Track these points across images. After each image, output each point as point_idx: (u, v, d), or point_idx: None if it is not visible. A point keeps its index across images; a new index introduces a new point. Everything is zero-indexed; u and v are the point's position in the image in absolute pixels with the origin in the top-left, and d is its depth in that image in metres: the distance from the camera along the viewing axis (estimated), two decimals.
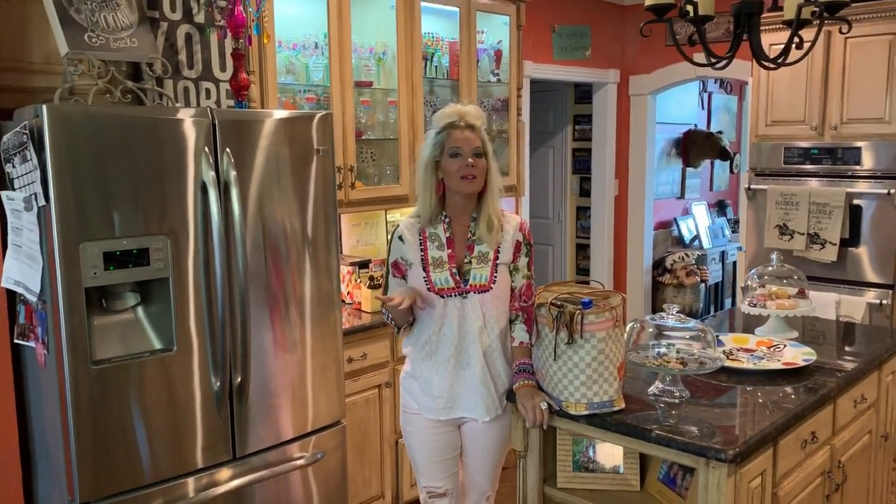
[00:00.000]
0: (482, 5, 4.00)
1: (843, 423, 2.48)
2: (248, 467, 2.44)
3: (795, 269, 2.99)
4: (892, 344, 2.83)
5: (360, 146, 3.61)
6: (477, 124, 2.30)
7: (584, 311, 2.03)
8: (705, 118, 7.05)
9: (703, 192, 7.16)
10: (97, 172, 2.05)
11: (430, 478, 2.43)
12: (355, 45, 3.50)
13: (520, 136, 4.35)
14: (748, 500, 1.97)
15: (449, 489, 2.43)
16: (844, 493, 2.53)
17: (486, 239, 2.31)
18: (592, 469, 2.26)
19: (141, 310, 2.23)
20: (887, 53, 3.98)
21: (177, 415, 2.26)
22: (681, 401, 2.18)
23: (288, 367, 2.53)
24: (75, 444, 2.07)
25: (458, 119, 2.29)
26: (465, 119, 2.29)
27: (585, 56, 5.56)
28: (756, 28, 2.45)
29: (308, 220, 2.55)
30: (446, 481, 2.43)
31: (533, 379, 2.23)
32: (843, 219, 4.14)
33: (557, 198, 6.62)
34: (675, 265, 6.22)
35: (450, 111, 2.31)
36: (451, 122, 2.29)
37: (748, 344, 2.69)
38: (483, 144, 2.29)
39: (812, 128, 4.27)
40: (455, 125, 2.29)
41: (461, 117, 2.29)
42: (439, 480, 2.42)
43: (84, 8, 2.33)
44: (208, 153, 2.25)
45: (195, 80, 2.75)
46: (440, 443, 2.40)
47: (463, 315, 2.29)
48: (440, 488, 2.43)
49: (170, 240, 2.19)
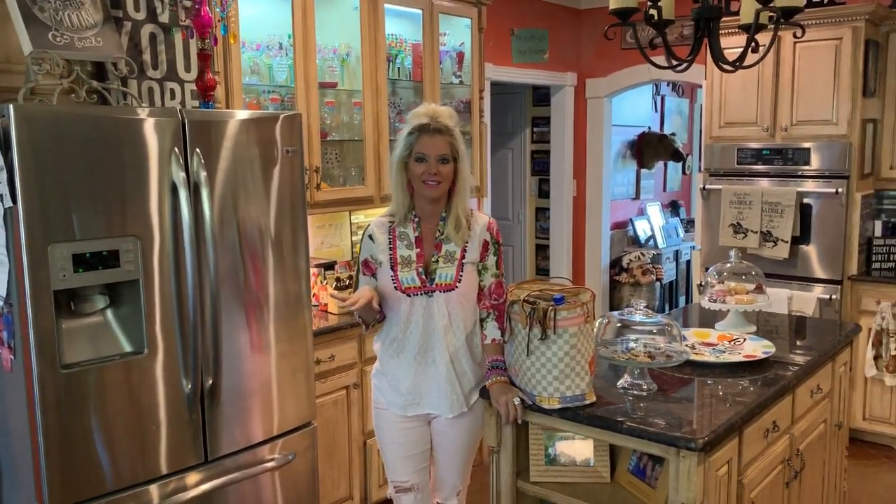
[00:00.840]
0: (445, 8, 4.03)
1: (800, 412, 2.58)
2: (219, 470, 2.42)
3: (753, 265, 3.09)
4: (843, 337, 2.96)
5: (325, 147, 3.61)
6: (449, 125, 2.32)
7: (557, 307, 2.07)
8: (658, 121, 7.21)
9: (657, 193, 7.32)
10: (66, 173, 2.02)
11: (397, 472, 2.47)
12: (319, 47, 3.50)
13: (482, 137, 4.40)
14: (716, 488, 2.04)
15: (416, 483, 2.46)
16: (803, 480, 2.63)
17: (454, 238, 2.34)
18: (564, 462, 2.31)
19: (111, 312, 2.20)
20: (833, 58, 4.15)
21: (148, 418, 2.23)
22: (649, 393, 2.24)
23: (259, 368, 2.52)
24: (44, 450, 2.03)
25: (429, 120, 2.30)
26: (438, 120, 2.31)
27: (543, 59, 5.64)
28: (716, 32, 2.53)
29: (277, 222, 2.54)
30: (413, 476, 2.46)
31: (505, 375, 2.27)
32: (795, 217, 4.29)
33: (517, 199, 6.69)
34: (631, 264, 6.35)
35: (423, 111, 2.33)
36: (422, 123, 2.31)
37: (710, 338, 2.77)
38: (453, 147, 2.31)
39: (764, 129, 4.42)
40: (426, 128, 2.30)
41: (433, 118, 2.31)
42: (405, 475, 2.45)
43: (48, 6, 2.29)
44: (178, 154, 2.23)
45: (160, 81, 2.72)
46: (408, 438, 2.43)
47: (429, 314, 2.32)
48: (406, 483, 2.46)
49: (140, 241, 2.17)
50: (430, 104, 2.37)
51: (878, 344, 4.17)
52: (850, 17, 4.08)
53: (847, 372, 3.04)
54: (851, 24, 4.08)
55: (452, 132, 2.33)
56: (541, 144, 6.47)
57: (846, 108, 4.14)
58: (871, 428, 4.32)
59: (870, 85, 4.21)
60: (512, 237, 6.72)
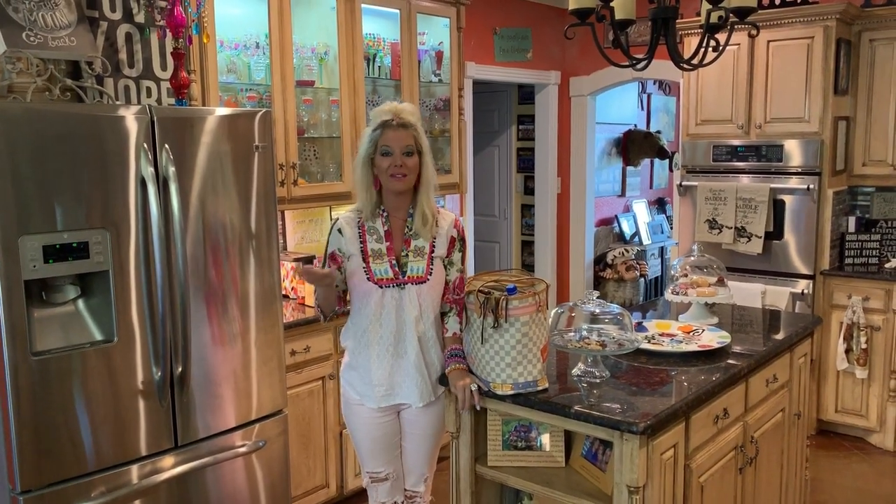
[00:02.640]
0: (423, 7, 4.11)
1: (755, 401, 2.66)
2: (190, 455, 2.51)
3: (715, 259, 3.17)
4: (801, 329, 3.03)
5: (303, 144, 3.69)
6: (411, 120, 2.38)
7: (509, 296, 2.15)
8: (645, 118, 7.29)
9: (644, 190, 7.40)
10: (37, 167, 2.10)
11: (372, 464, 2.53)
12: (297, 45, 3.58)
13: (462, 134, 4.47)
14: (661, 471, 2.11)
15: (390, 473, 2.54)
16: (758, 467, 2.70)
17: (422, 233, 2.41)
18: (521, 447, 2.39)
19: (82, 302, 2.28)
20: (805, 56, 4.22)
21: (119, 404, 2.32)
22: (601, 381, 2.32)
23: (229, 357, 2.60)
24: (15, 434, 2.12)
25: (392, 117, 2.36)
26: (400, 116, 2.37)
27: (526, 58, 5.72)
28: (672, 31, 2.61)
29: (249, 215, 2.63)
30: (387, 466, 2.53)
31: (464, 363, 2.35)
32: (768, 213, 4.37)
33: (503, 196, 6.77)
34: (615, 260, 6.43)
35: (385, 108, 2.39)
36: (385, 120, 2.37)
37: (670, 329, 2.85)
38: (416, 142, 2.38)
39: (738, 126, 4.49)
40: (388, 124, 2.36)
41: (395, 115, 2.37)
42: (381, 466, 2.53)
43: (22, 7, 2.37)
44: (147, 149, 2.31)
45: (136, 79, 2.81)
46: (383, 430, 2.50)
47: (400, 305, 2.39)
48: (381, 473, 2.53)
49: (110, 233, 2.25)
50: (391, 102, 2.44)
51: (850, 337, 4.25)
52: (822, 16, 4.15)
53: (808, 363, 3.11)
54: (823, 24, 4.16)
55: (415, 127, 2.39)
56: (526, 142, 6.55)
57: (818, 106, 4.22)
58: (842, 420, 4.40)
59: (841, 83, 4.28)
60: (498, 233, 6.80)
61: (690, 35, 4.36)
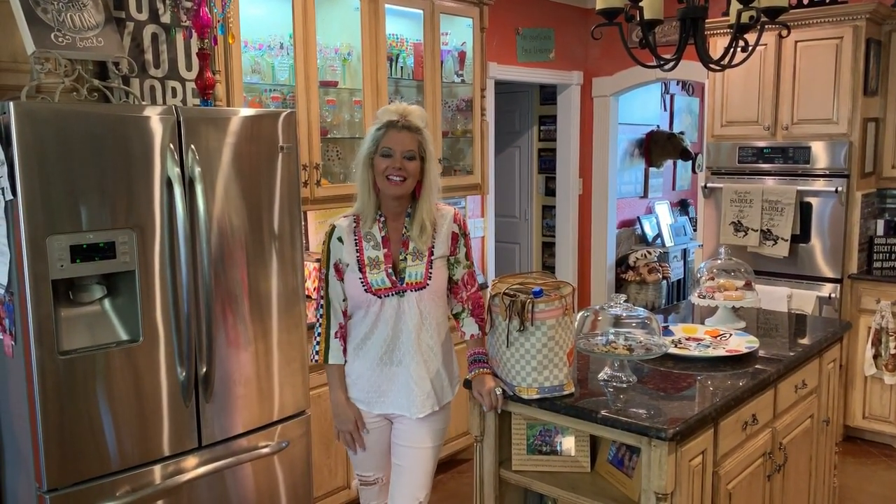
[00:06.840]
0: (446, 8, 4.09)
1: (784, 407, 2.62)
2: (213, 455, 2.51)
3: (742, 262, 3.13)
4: (831, 334, 2.98)
5: (326, 144, 3.68)
6: (418, 124, 2.26)
7: (535, 299, 2.13)
8: (668, 119, 7.22)
9: (666, 192, 7.33)
10: (64, 168, 2.11)
11: (362, 467, 2.49)
12: (320, 46, 3.57)
13: (484, 135, 4.45)
14: (689, 478, 2.08)
15: (379, 477, 2.49)
16: (787, 474, 2.66)
17: (419, 242, 2.30)
18: (545, 452, 2.36)
19: (108, 302, 2.29)
20: (834, 56, 4.16)
21: (143, 404, 2.32)
22: (628, 385, 2.29)
23: (252, 358, 2.60)
24: (42, 433, 2.13)
25: (398, 118, 2.24)
26: (407, 118, 2.25)
27: (549, 58, 5.68)
28: (701, 31, 2.57)
29: (273, 216, 2.63)
30: (376, 470, 2.48)
31: (488, 367, 2.32)
32: (795, 216, 4.31)
33: (524, 197, 6.74)
34: (637, 262, 6.37)
35: (392, 108, 2.28)
36: (391, 120, 2.25)
37: (697, 333, 2.81)
38: (421, 147, 2.25)
39: (765, 128, 4.43)
40: (394, 124, 2.24)
41: (403, 116, 2.25)
42: (370, 470, 2.48)
43: (51, 8, 2.38)
44: (173, 150, 2.32)
45: (161, 79, 2.81)
46: (373, 437, 2.43)
47: (399, 314, 2.29)
48: (370, 476, 2.49)
49: (136, 234, 2.26)
50: (401, 103, 2.38)
51: (878, 343, 4.18)
52: (851, 16, 4.09)
53: (836, 368, 3.06)
54: (852, 24, 4.09)
55: (422, 131, 2.26)
56: (548, 143, 6.51)
57: (847, 107, 4.15)
58: (870, 426, 4.33)
59: (871, 84, 4.21)
60: (518, 235, 6.77)
61: (716, 35, 4.31)
